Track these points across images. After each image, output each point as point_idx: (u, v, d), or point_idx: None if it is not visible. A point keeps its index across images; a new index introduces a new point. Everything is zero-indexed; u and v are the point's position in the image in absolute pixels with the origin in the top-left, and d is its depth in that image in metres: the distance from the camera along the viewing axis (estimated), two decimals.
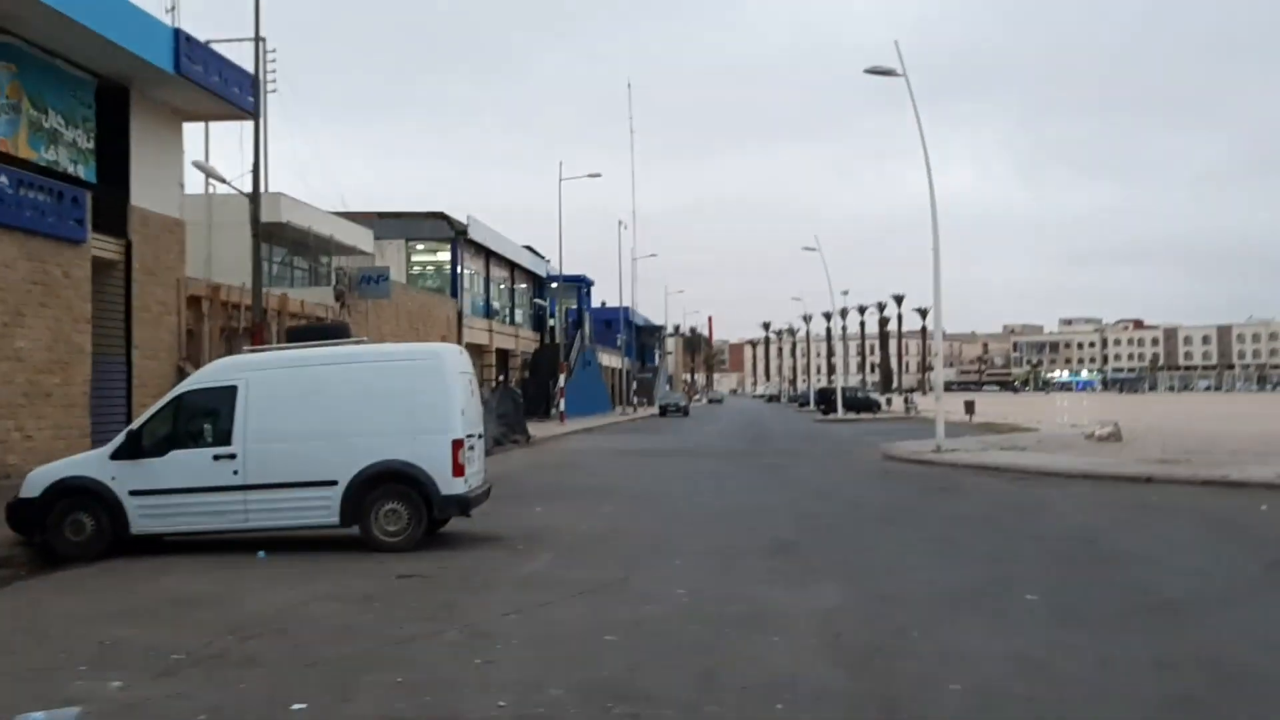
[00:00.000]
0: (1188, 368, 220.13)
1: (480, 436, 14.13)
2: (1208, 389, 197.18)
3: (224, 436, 12.93)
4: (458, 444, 12.87)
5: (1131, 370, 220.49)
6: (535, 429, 40.02)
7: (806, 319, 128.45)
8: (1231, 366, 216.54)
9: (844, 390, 72.64)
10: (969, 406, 49.97)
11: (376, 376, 13.14)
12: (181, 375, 21.23)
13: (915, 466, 25.59)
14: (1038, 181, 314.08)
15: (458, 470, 12.86)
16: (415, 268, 54.57)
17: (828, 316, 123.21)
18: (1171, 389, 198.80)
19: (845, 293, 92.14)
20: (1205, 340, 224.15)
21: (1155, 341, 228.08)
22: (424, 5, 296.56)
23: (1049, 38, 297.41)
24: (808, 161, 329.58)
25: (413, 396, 12.97)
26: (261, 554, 12.52)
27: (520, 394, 39.33)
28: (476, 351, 54.10)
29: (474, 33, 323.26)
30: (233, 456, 12.79)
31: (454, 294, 51.61)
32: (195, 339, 26.32)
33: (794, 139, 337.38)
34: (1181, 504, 16.92)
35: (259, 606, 9.68)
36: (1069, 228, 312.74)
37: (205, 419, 13.29)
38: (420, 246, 54.42)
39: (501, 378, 57.44)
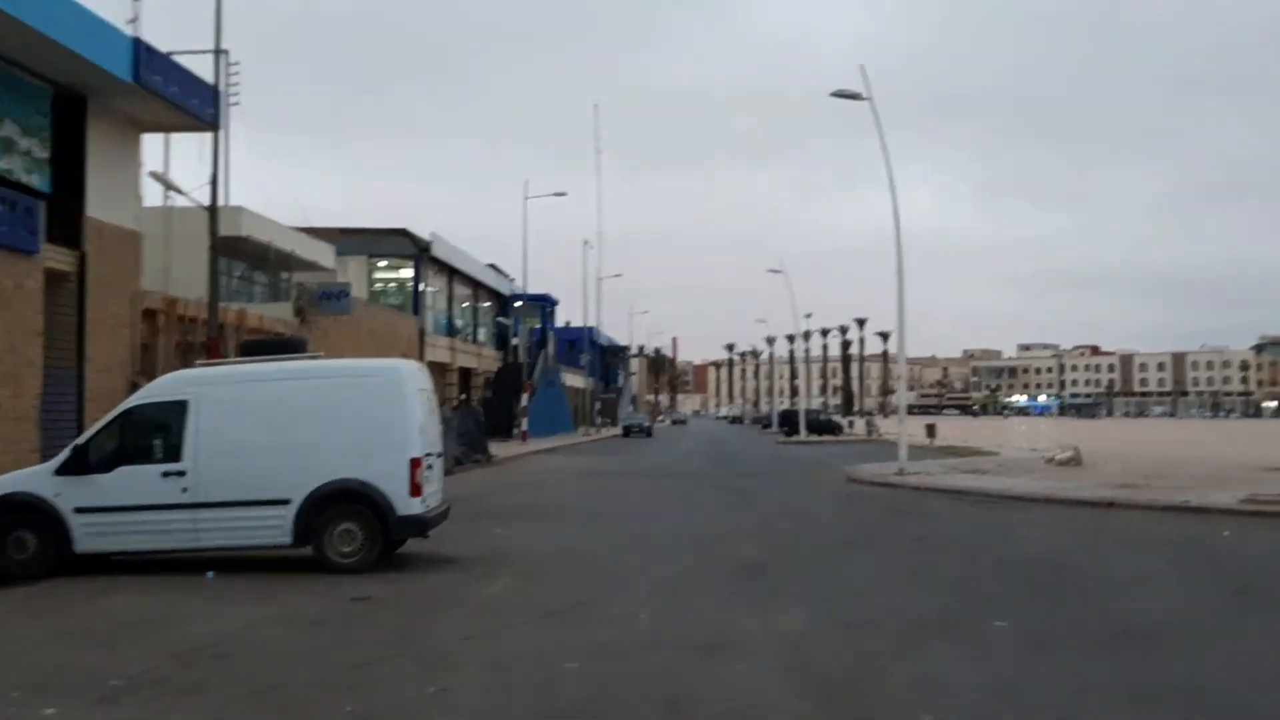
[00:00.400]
0: (1143, 394, 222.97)
1: (439, 455, 13.81)
2: (1163, 415, 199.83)
3: (174, 453, 12.52)
4: (416, 463, 12.55)
5: (1088, 396, 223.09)
6: (497, 449, 39.62)
7: (770, 341, 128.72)
8: (1186, 393, 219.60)
9: (807, 412, 72.69)
10: (930, 430, 50.16)
11: (333, 392, 12.79)
12: (135, 390, 20.73)
13: (879, 489, 25.48)
14: (995, 209, 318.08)
15: (415, 490, 12.53)
16: (377, 285, 54.02)
17: (790, 339, 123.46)
18: (1128, 415, 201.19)
19: (808, 315, 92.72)
20: (1160, 367, 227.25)
21: (1111, 368, 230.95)
22: (389, 24, 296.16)
23: (1006, 68, 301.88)
24: (772, 185, 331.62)
25: (370, 413, 12.64)
26: (210, 574, 12.12)
27: (482, 413, 38.93)
28: (439, 370, 53.60)
29: (440, 52, 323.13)
30: (182, 473, 12.39)
31: (416, 311, 51.12)
32: (150, 353, 25.75)
33: (758, 162, 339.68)
34: (1145, 529, 16.89)
35: (205, 630, 9.31)
36: (1027, 254, 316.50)
37: (154, 434, 12.88)
38: (383, 263, 53.91)
39: (463, 396, 56.95)
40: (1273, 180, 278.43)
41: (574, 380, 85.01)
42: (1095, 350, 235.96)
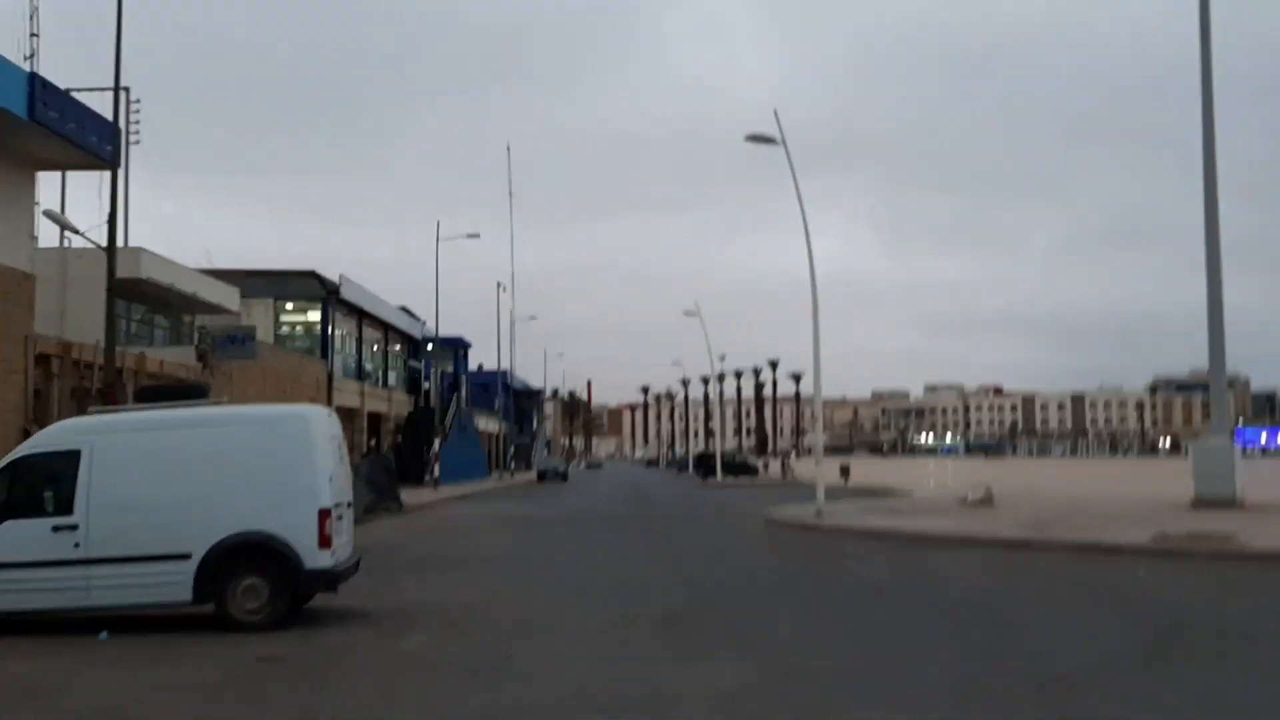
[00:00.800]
0: (1044, 434, 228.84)
1: (349, 505, 13.26)
2: (1063, 454, 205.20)
3: (65, 505, 11.78)
4: (325, 514, 11.99)
5: (992, 436, 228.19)
6: (409, 496, 38.71)
7: (684, 384, 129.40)
8: (1085, 432, 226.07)
9: (722, 455, 72.84)
10: (844, 471, 50.54)
11: (237, 440, 12.18)
12: (26, 438, 19.70)
13: (798, 532, 25.39)
14: (901, 252, 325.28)
15: (324, 542, 11.97)
16: (284, 328, 52.80)
17: (705, 381, 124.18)
18: (1030, 454, 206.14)
19: (723, 358, 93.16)
20: (1060, 407, 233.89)
21: (1014, 408, 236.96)
22: (294, 64, 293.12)
23: (909, 116, 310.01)
24: (686, 228, 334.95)
25: (276, 462, 12.07)
26: (104, 634, 11.38)
27: (393, 460, 38.05)
28: (348, 415, 52.43)
29: (349, 93, 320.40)
30: (74, 528, 11.65)
31: (324, 355, 50.04)
32: (44, 400, 24.62)
33: (672, 206, 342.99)
34: (1063, 570, 16.99)
35: (95, 697, 8.65)
36: (932, 297, 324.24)
37: (45, 486, 12.09)
38: (290, 306, 52.75)
39: (374, 442, 55.77)
40: (1159, 226, 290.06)
41: (487, 424, 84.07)
42: (998, 391, 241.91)
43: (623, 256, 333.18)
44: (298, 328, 53.49)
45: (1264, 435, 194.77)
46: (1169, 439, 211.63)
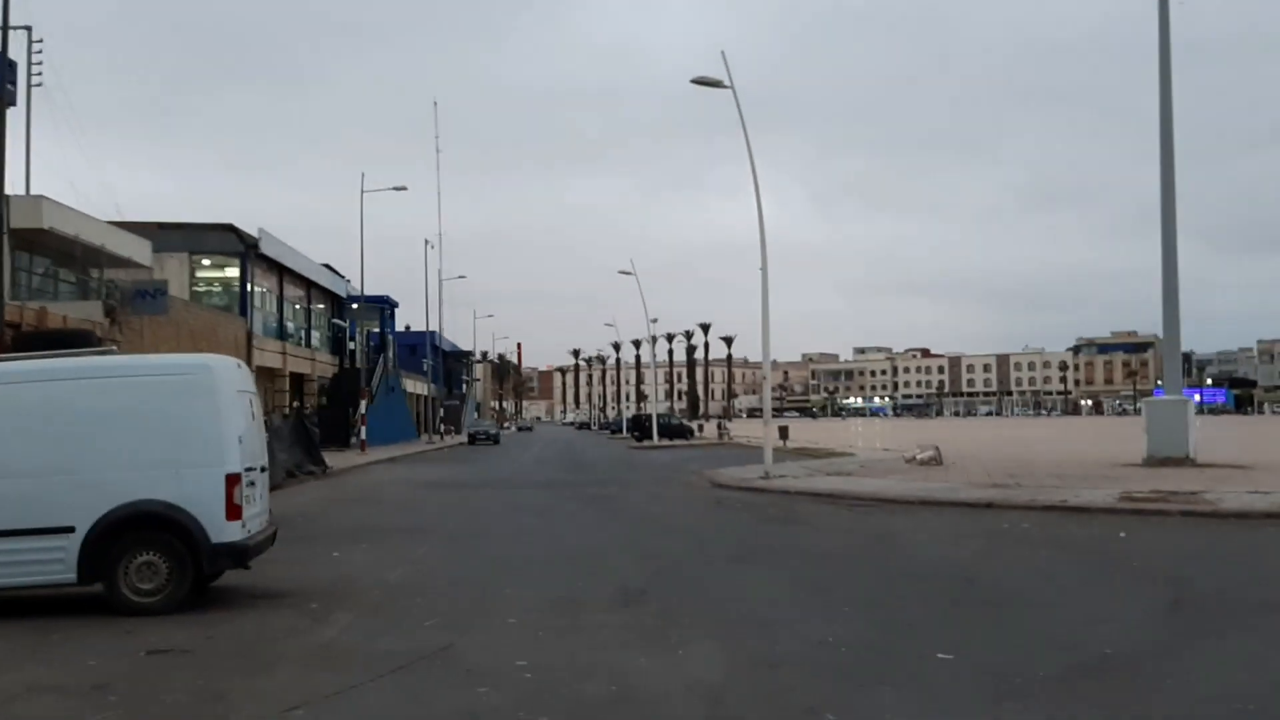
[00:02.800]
0: (970, 394, 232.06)
1: (264, 470, 11.63)
2: (989, 414, 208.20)
3: None
4: (234, 480, 10.38)
5: (920, 396, 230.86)
6: (334, 459, 36.89)
7: (616, 347, 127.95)
8: (1010, 393, 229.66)
9: (658, 417, 71.62)
10: (783, 432, 49.56)
11: (129, 395, 10.48)
12: None
13: (748, 494, 24.17)
14: (831, 215, 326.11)
15: (233, 512, 10.37)
16: (201, 285, 50.23)
17: (637, 344, 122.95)
18: (957, 414, 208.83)
19: (654, 320, 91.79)
20: (986, 368, 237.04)
21: (941, 369, 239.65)
22: (214, 15, 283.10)
23: (835, 76, 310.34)
24: (615, 189, 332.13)
25: (176, 420, 10.41)
26: None
27: (316, 421, 36.13)
28: (269, 375, 50.16)
29: (271, 46, 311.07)
30: None
31: (243, 313, 47.61)
32: None
33: (601, 164, 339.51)
34: (1037, 532, 15.95)
35: None
36: (860, 260, 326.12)
37: None
38: (207, 262, 50.13)
39: (297, 404, 53.55)
40: (1084, 189, 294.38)
41: (416, 386, 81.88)
42: (926, 353, 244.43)
43: (552, 217, 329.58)
44: (215, 285, 50.95)
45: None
46: (1090, 399, 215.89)
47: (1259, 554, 13.96)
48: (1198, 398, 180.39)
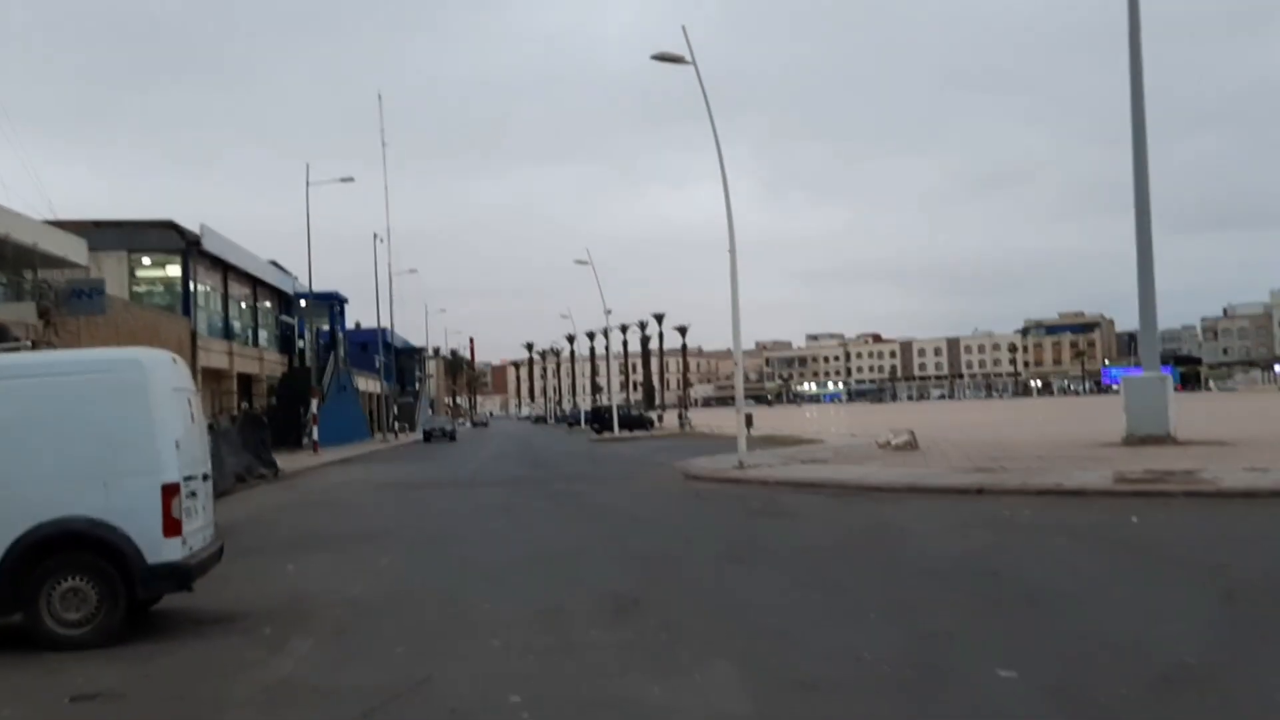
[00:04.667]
0: (923, 378, 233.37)
1: (206, 477, 10.32)
2: (941, 397, 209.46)
3: None
4: (171, 490, 9.09)
5: (873, 381, 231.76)
6: (285, 461, 35.33)
7: (570, 339, 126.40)
8: (961, 376, 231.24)
9: (617, 408, 70.45)
10: (749, 420, 48.57)
11: (49, 395, 9.14)
12: None
13: (725, 486, 23.10)
14: (780, 203, 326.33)
15: (172, 527, 9.08)
16: (141, 285, 48.26)
17: (591, 336, 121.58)
18: (910, 398, 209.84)
19: (609, 312, 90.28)
20: (937, 352, 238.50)
21: (893, 354, 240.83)
22: (150, 11, 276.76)
23: (780, 64, 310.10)
24: (566, 180, 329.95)
25: (104, 424, 9.09)
26: None
27: (266, 422, 34.54)
28: (215, 376, 48.35)
29: (208, 42, 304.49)
30: None
31: (186, 312, 45.73)
32: None
33: (552, 157, 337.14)
34: (1042, 519, 15.01)
35: None
36: (811, 248, 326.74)
37: None
38: (147, 260, 48.16)
39: (245, 405, 51.72)
40: (1031, 173, 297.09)
41: (368, 384, 80.00)
42: (877, 338, 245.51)
43: (502, 210, 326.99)
44: (156, 284, 48.99)
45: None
46: (1040, 380, 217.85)
47: None
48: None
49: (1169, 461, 22.00)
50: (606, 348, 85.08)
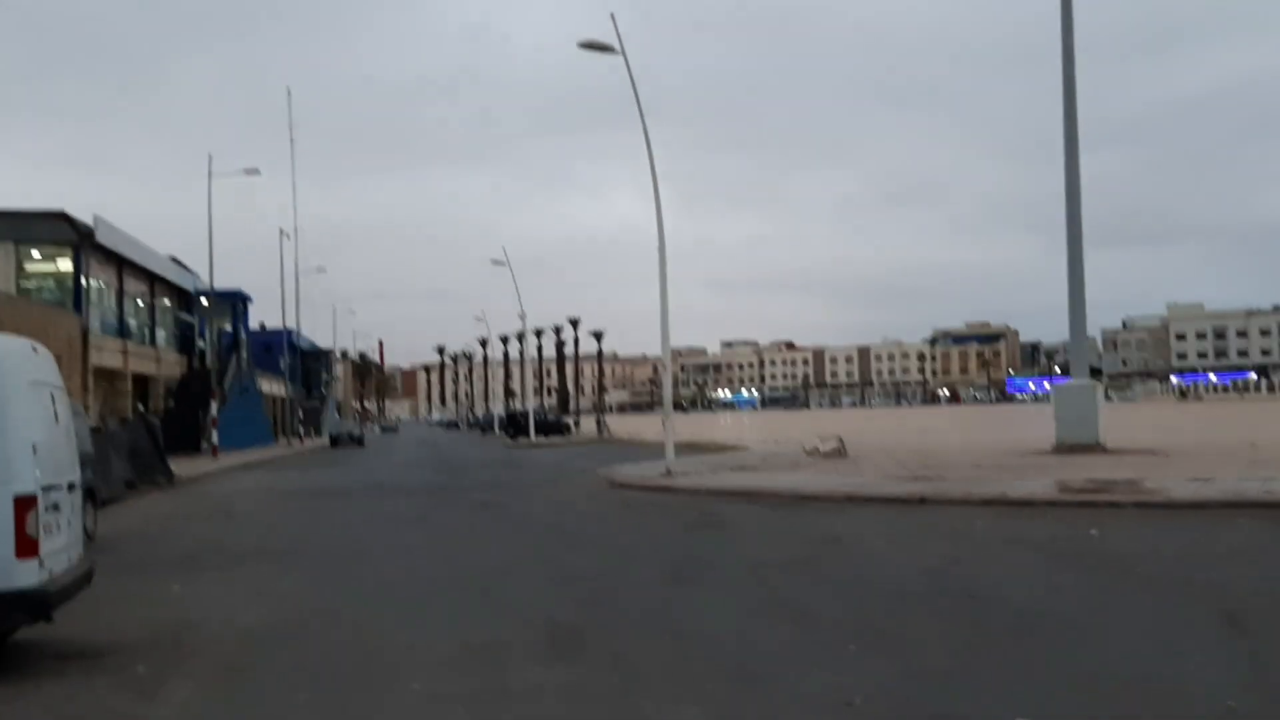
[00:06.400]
0: (834, 385, 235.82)
1: (74, 487, 8.81)
2: (852, 404, 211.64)
3: None
4: (26, 503, 7.60)
5: (786, 389, 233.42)
6: (183, 467, 33.21)
7: (483, 343, 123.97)
8: (871, 384, 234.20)
9: (534, 413, 68.84)
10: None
11: None
12: None
13: (655, 495, 21.91)
14: (696, 211, 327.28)
15: (26, 547, 7.59)
16: (30, 279, 45.45)
17: (505, 340, 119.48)
18: (822, 405, 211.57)
19: (522, 316, 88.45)
20: (849, 360, 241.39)
21: (806, 361, 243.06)
22: (53, 3, 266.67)
23: (701, 74, 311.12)
24: (476, 183, 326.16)
25: None
26: None
27: (159, 425, 32.40)
28: (109, 376, 45.74)
29: (112, 36, 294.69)
30: None
31: (78, 308, 43.08)
32: None
33: (461, 158, 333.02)
34: (998, 532, 14.17)
35: None
36: (725, 255, 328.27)
37: None
38: (36, 254, 45.38)
39: (141, 407, 49.07)
40: (942, 187, 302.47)
41: (272, 387, 77.17)
42: (790, 346, 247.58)
43: (413, 212, 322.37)
44: (47, 279, 46.20)
45: (1032, 384, 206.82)
46: (948, 389, 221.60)
47: (1257, 550, 12.41)
48: (1047, 385, 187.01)
49: (1106, 470, 21.52)
50: (521, 352, 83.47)
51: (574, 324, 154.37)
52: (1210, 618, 8.42)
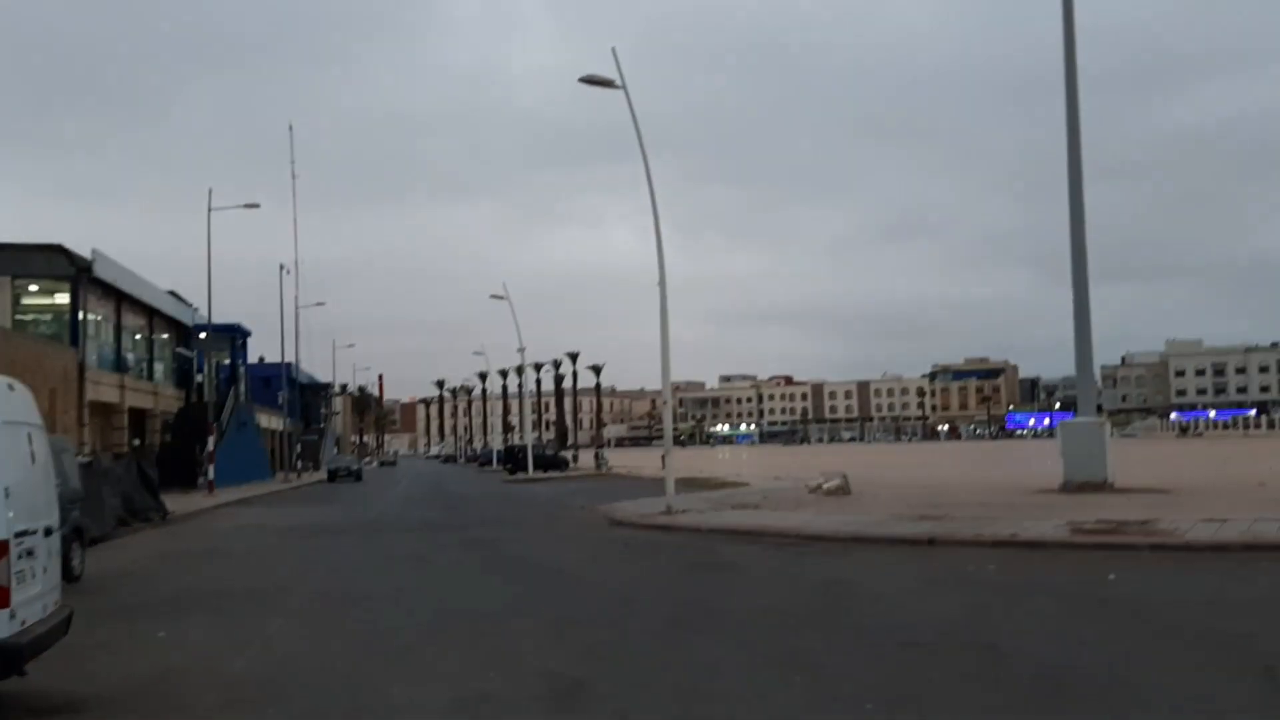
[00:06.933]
0: (834, 420, 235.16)
1: (50, 531, 8.41)
2: (852, 440, 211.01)
3: None
4: None
5: (785, 423, 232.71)
6: (178, 503, 32.75)
7: (483, 376, 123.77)
8: (870, 419, 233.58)
9: (532, 448, 68.35)
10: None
11: None
12: None
13: (654, 534, 21.47)
14: (694, 245, 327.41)
15: None
16: (27, 313, 45.16)
17: (504, 374, 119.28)
18: (821, 440, 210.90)
19: (521, 350, 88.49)
20: (848, 395, 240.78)
21: (804, 396, 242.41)
22: (50, 36, 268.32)
23: (699, 108, 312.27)
24: (475, 217, 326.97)
25: None
26: None
27: (153, 461, 31.98)
28: (105, 411, 45.33)
29: (113, 70, 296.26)
30: None
31: (75, 342, 42.72)
32: None
33: (460, 193, 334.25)
34: (1012, 577, 13.72)
35: None
36: (724, 290, 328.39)
37: None
38: (34, 287, 45.11)
39: (137, 442, 48.63)
40: (940, 222, 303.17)
41: (270, 421, 76.66)
42: (789, 380, 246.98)
43: (413, 246, 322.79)
44: (44, 312, 45.91)
45: (1032, 420, 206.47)
46: (948, 424, 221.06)
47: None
48: (1047, 421, 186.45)
49: (1117, 510, 21.06)
50: (520, 386, 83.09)
51: (573, 358, 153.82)
52: (1247, 672, 8.01)
